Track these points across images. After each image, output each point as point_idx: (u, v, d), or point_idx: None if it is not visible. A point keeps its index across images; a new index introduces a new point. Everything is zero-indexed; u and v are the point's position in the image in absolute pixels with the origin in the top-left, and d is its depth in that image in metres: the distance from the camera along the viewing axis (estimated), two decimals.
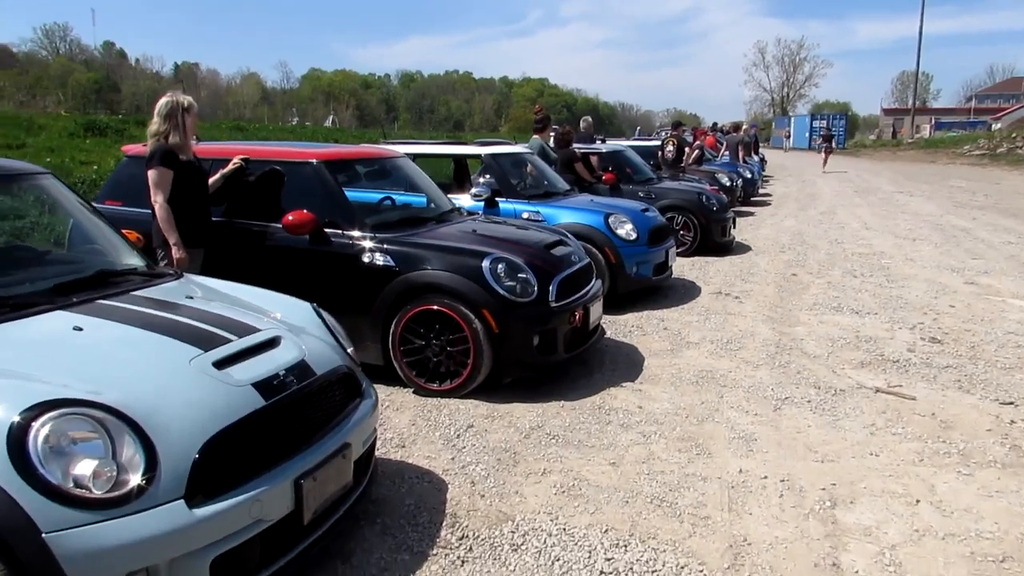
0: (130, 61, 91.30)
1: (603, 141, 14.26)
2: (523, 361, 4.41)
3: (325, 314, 3.21)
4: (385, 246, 4.49)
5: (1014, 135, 37.19)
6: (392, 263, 4.43)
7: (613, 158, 10.42)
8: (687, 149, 15.45)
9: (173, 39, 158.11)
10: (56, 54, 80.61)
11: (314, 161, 4.79)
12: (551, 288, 4.49)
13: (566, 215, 6.65)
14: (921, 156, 40.05)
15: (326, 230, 4.58)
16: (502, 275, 4.35)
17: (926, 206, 16.22)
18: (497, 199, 6.80)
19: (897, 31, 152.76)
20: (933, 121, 60.59)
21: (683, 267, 8.75)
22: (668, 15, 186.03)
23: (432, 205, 5.68)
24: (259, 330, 2.72)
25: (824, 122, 59.44)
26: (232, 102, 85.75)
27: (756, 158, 22.48)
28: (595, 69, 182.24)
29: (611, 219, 6.58)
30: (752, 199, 16.96)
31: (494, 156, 7.04)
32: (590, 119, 11.80)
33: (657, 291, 7.28)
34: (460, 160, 8.04)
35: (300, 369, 2.61)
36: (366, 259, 4.49)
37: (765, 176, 24.31)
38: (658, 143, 13.91)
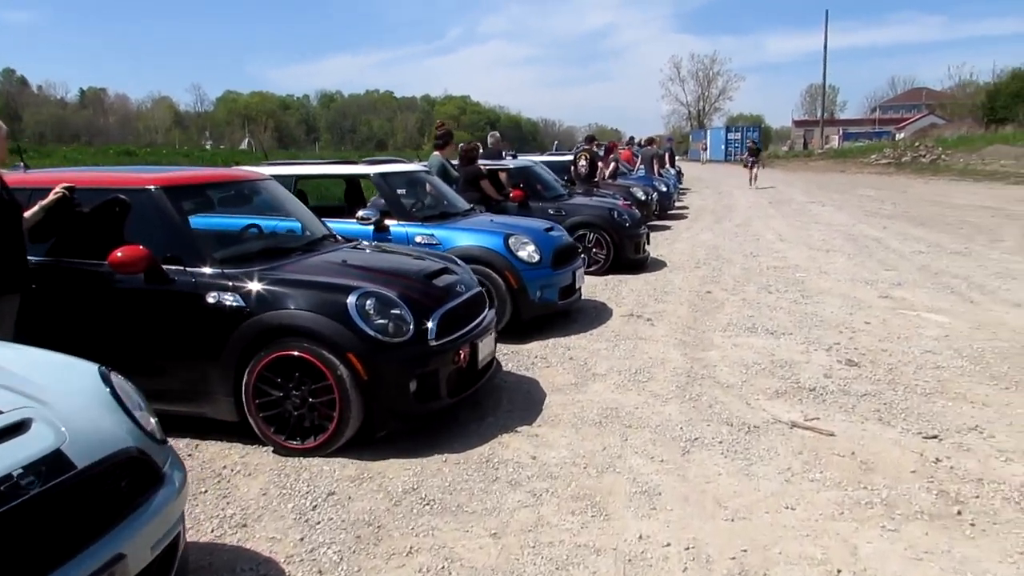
0: (32, 88, 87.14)
1: (514, 156, 13.90)
2: (399, 411, 3.83)
3: (117, 378, 2.57)
4: (233, 284, 3.85)
5: (917, 144, 38.73)
6: (242, 303, 3.80)
7: (522, 174, 9.96)
8: (600, 164, 15.20)
9: (79, 64, 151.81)
10: None
11: (152, 187, 4.11)
12: (430, 324, 3.93)
13: (463, 237, 6.12)
14: (831, 166, 41.27)
15: (167, 267, 3.93)
16: (371, 312, 3.77)
17: (838, 216, 16.37)
18: (388, 222, 6.23)
19: (804, 45, 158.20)
20: (841, 132, 62.72)
21: (595, 287, 8.33)
22: (586, 32, 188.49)
23: (307, 232, 5.07)
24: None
25: (738, 135, 60.96)
26: (143, 127, 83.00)
27: (673, 171, 22.52)
28: (517, 86, 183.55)
29: (511, 241, 6.08)
30: (669, 212, 16.83)
31: (383, 176, 6.46)
32: (498, 134, 11.34)
33: (565, 316, 6.81)
34: (352, 181, 7.44)
35: (50, 463, 1.99)
36: (211, 299, 3.85)
37: (682, 188, 24.41)
38: (571, 158, 13.55)
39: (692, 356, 5.64)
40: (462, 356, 4.11)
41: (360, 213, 6.08)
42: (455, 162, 8.70)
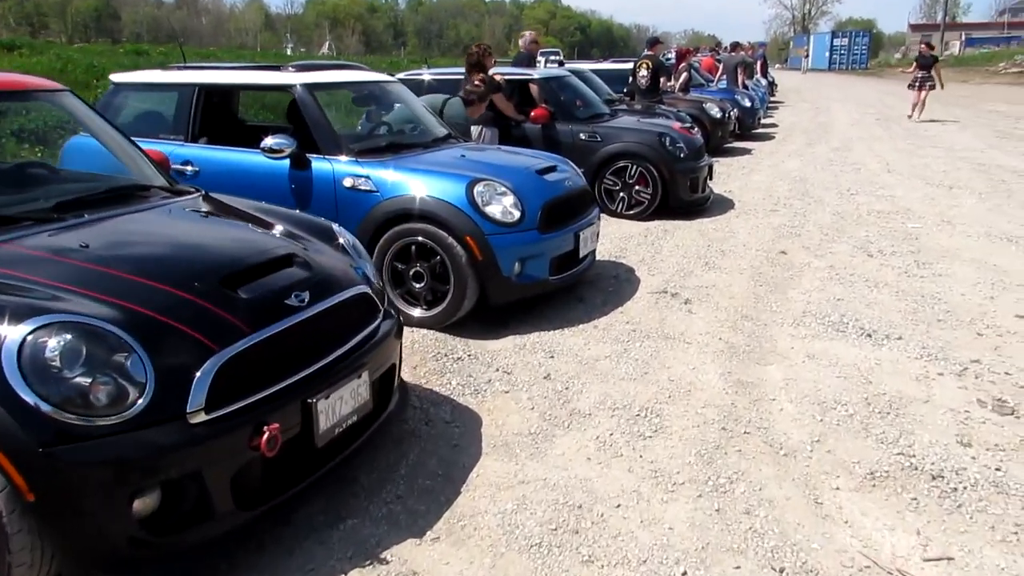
0: None
1: (561, 64, 11.64)
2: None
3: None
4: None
5: None
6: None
7: (555, 86, 7.79)
8: (672, 72, 12.72)
9: None
10: None
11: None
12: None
13: (410, 182, 4.11)
14: (952, 76, 36.31)
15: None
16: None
17: (961, 138, 13.43)
18: (310, 156, 4.33)
19: None
20: (963, 37, 56.04)
21: (628, 239, 6.26)
22: None
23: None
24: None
25: (846, 40, 55.41)
26: (234, 29, 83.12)
27: (763, 82, 19.55)
28: None
29: (478, 189, 4.06)
30: (753, 131, 14.19)
31: (310, 88, 4.49)
32: (531, 34, 9.08)
33: (568, 291, 4.83)
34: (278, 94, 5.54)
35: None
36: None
37: (773, 102, 21.42)
38: (631, 67, 11.16)
39: (738, 379, 3.62)
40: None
41: (267, 142, 4.17)
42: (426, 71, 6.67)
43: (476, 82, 6.58)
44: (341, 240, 2.98)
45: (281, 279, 2.45)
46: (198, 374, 2.06)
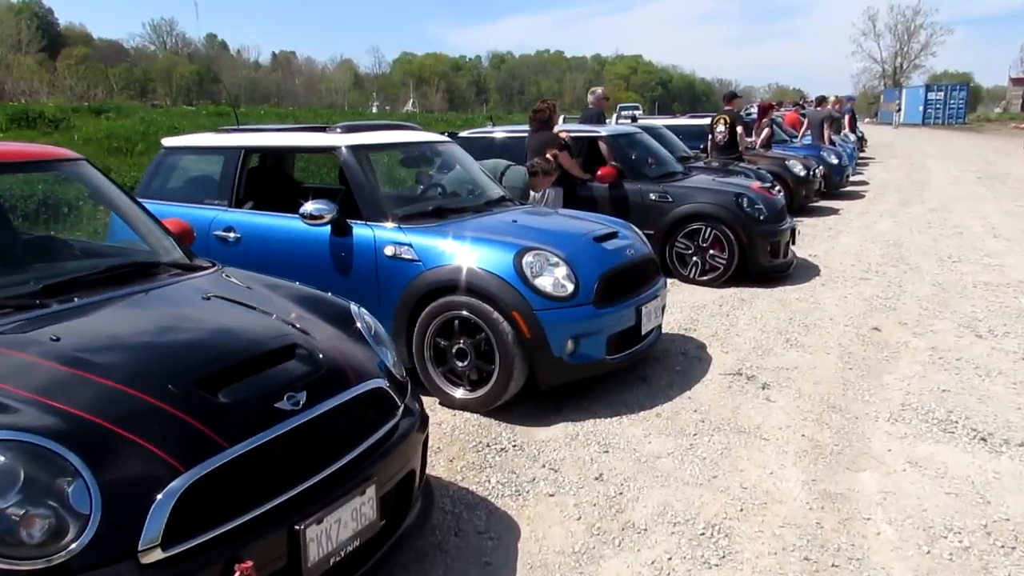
0: (231, 52, 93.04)
1: (634, 120, 11.31)
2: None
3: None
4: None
5: None
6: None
7: (625, 144, 7.44)
8: (754, 128, 12.22)
9: (271, 28, 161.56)
10: (163, 48, 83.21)
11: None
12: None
13: (455, 251, 3.78)
14: None
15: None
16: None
17: None
18: (352, 222, 4.05)
19: None
20: None
21: (701, 309, 5.76)
22: None
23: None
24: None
25: (940, 94, 53.60)
26: (325, 89, 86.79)
27: (852, 137, 18.73)
28: (693, 44, 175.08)
29: (527, 260, 3.69)
30: (841, 189, 13.43)
31: (355, 151, 4.23)
32: (600, 90, 8.78)
33: (630, 369, 4.37)
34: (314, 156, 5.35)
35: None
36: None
37: (863, 159, 20.51)
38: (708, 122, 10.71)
39: (824, 488, 3.07)
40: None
41: (306, 208, 3.93)
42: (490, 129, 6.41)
43: (549, 155, 6.24)
44: (358, 324, 2.61)
45: (275, 377, 2.09)
46: (158, 498, 1.70)
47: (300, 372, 2.15)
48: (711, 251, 6.58)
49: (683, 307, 5.84)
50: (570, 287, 3.69)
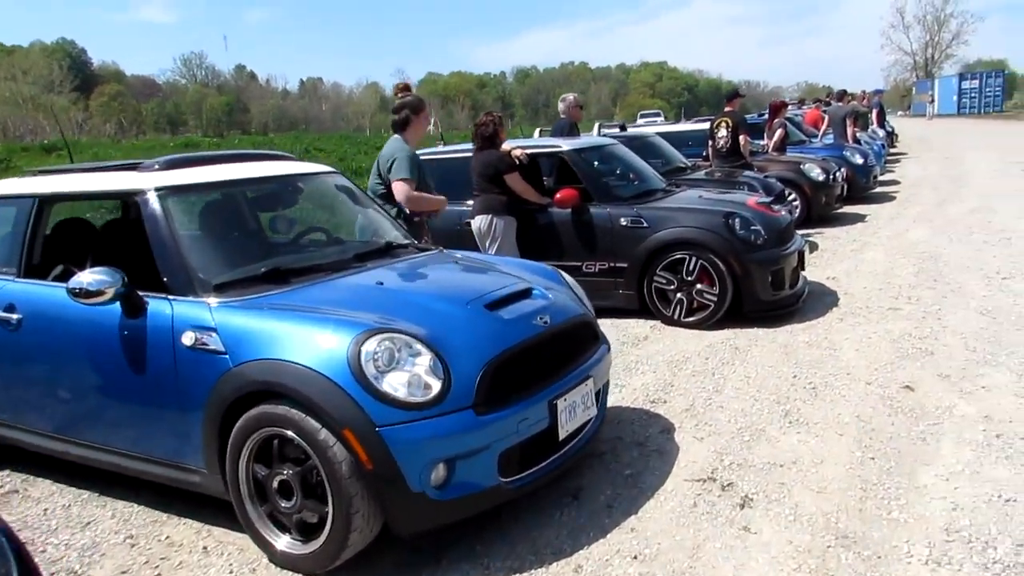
0: (260, 81, 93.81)
1: (622, 128, 10.07)
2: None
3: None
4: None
5: None
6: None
7: (595, 159, 6.22)
8: (765, 129, 10.93)
9: (299, 55, 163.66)
10: (194, 81, 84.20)
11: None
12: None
13: (277, 336, 2.60)
14: None
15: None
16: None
17: None
18: (148, 296, 2.90)
19: None
20: None
21: (679, 365, 4.50)
22: None
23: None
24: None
25: (976, 83, 51.49)
26: (352, 112, 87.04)
27: (880, 133, 17.22)
28: (720, 48, 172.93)
29: (367, 347, 2.48)
30: (868, 192, 11.96)
31: (164, 195, 3.07)
32: (572, 97, 7.51)
33: (563, 478, 3.13)
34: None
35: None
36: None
37: (894, 155, 18.96)
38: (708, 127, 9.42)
39: None
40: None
41: (79, 279, 2.79)
42: (440, 149, 5.22)
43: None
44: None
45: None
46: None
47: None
48: (698, 285, 5.32)
49: (657, 364, 4.60)
50: (436, 386, 2.48)
